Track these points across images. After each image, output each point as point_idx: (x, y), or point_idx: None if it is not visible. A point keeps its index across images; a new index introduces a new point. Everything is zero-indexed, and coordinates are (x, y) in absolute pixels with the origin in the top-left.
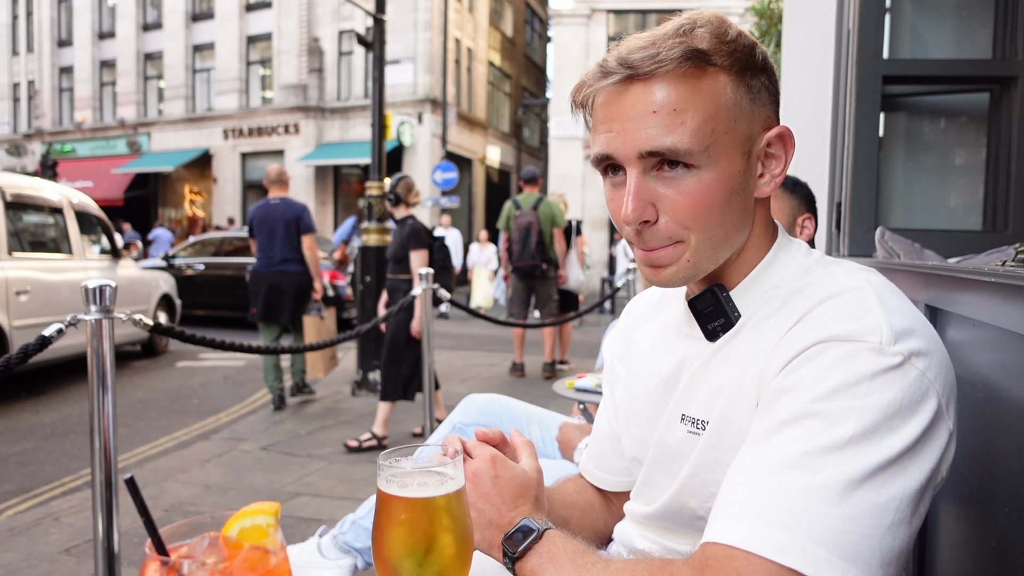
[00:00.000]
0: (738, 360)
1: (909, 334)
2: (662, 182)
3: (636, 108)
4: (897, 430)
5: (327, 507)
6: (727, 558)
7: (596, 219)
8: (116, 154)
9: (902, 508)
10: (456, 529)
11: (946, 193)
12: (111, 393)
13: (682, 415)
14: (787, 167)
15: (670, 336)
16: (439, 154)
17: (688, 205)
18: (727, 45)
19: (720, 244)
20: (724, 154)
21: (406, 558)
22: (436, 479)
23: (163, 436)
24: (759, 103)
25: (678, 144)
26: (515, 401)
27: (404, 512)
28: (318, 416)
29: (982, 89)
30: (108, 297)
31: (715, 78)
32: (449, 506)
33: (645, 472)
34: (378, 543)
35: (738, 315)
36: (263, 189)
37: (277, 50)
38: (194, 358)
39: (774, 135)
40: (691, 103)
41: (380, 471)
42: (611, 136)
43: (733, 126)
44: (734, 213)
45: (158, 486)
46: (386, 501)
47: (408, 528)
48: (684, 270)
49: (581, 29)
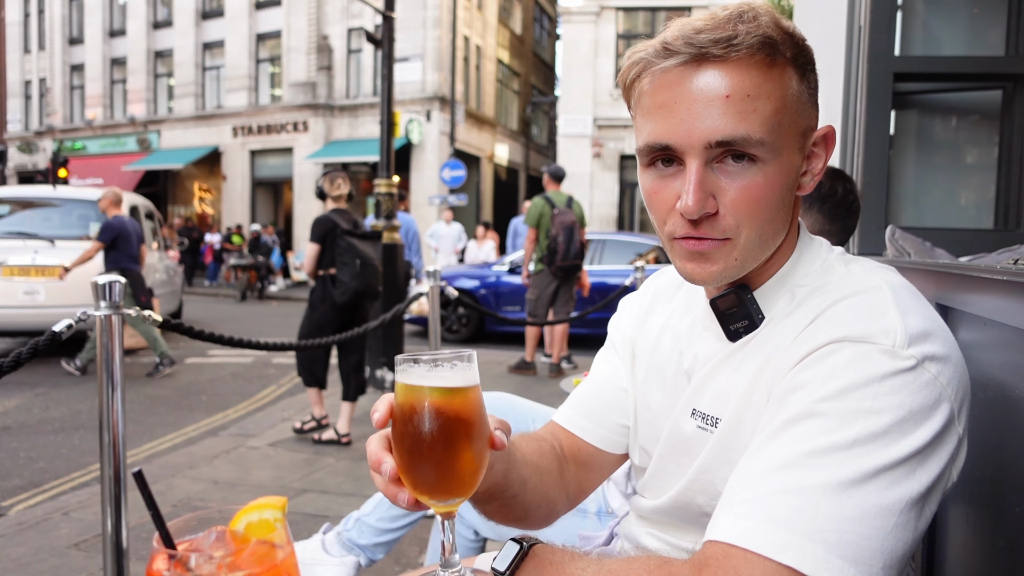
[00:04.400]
0: (755, 359)
1: (924, 337)
2: (724, 175)
3: (706, 92)
4: (907, 434)
5: (334, 504)
6: (725, 556)
7: (604, 217)
8: (126, 151)
9: (907, 511)
10: (476, 421)
11: (957, 191)
12: (120, 389)
13: (693, 409)
14: (825, 166)
15: (694, 328)
16: (447, 152)
17: (749, 200)
18: (791, 37)
19: (767, 242)
20: (787, 148)
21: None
22: (448, 368)
23: (172, 432)
24: (813, 100)
25: (751, 133)
26: (520, 399)
27: (423, 396)
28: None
29: (994, 87)
30: (117, 293)
31: (783, 69)
32: (470, 396)
33: (655, 463)
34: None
35: (762, 317)
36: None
37: (286, 48)
38: (203, 355)
39: (821, 134)
40: (764, 91)
41: (398, 367)
42: (673, 123)
43: (796, 120)
44: (784, 210)
45: (167, 482)
46: (404, 389)
47: (430, 414)
48: (731, 269)
49: (590, 27)
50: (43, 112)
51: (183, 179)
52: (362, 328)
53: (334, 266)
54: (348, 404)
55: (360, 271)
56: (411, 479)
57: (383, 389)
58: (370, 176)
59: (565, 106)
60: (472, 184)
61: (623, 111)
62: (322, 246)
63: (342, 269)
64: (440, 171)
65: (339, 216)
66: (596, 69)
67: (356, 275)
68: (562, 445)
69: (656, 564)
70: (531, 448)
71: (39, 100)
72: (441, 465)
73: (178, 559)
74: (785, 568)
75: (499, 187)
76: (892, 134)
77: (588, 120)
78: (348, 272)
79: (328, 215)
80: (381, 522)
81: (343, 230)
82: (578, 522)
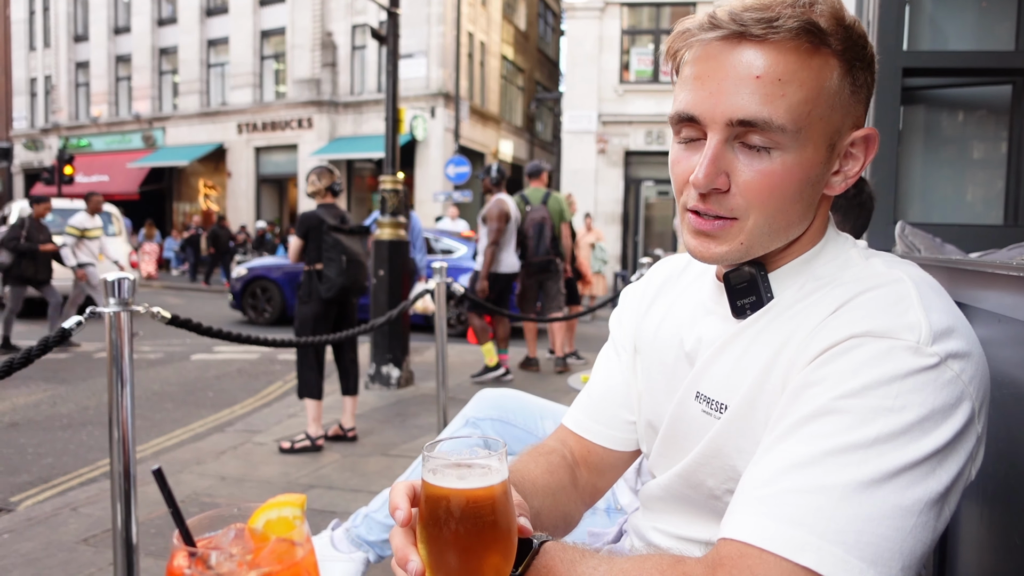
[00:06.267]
0: (766, 345)
1: (948, 334)
2: (743, 155)
3: (738, 69)
4: (928, 433)
5: (341, 500)
6: (741, 556)
7: (609, 214)
8: (131, 148)
9: (926, 511)
10: (504, 522)
11: (965, 187)
12: (130, 385)
13: (697, 393)
14: (862, 170)
15: (694, 310)
16: (452, 148)
17: (762, 186)
18: (844, 30)
19: (776, 232)
20: (812, 141)
21: (457, 551)
22: (481, 471)
23: (179, 428)
24: (857, 99)
25: (773, 117)
26: (529, 396)
27: (457, 503)
28: (330, 408)
29: (1004, 81)
30: (126, 290)
31: (826, 60)
32: (497, 497)
33: (660, 442)
34: (431, 536)
35: (771, 296)
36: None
37: (291, 44)
38: (208, 351)
39: (861, 136)
40: (797, 78)
41: (425, 463)
42: (702, 95)
43: (829, 114)
44: (801, 204)
45: (174, 477)
46: (437, 493)
47: (460, 519)
48: (736, 252)
49: (595, 22)
50: (48, 109)
51: (188, 176)
52: (370, 325)
53: (320, 261)
54: (350, 398)
55: (346, 267)
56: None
57: (388, 385)
58: (375, 173)
59: (570, 102)
60: (476, 181)
61: (628, 107)
62: (306, 241)
63: (328, 265)
64: (444, 168)
65: (326, 211)
66: (601, 65)
67: (342, 271)
68: (573, 451)
69: (669, 563)
70: (541, 469)
71: (44, 97)
72: (471, 567)
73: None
74: (803, 569)
75: None
76: (900, 129)
77: (593, 116)
78: (334, 268)
79: (314, 211)
80: (390, 518)
81: (329, 226)
82: (587, 519)
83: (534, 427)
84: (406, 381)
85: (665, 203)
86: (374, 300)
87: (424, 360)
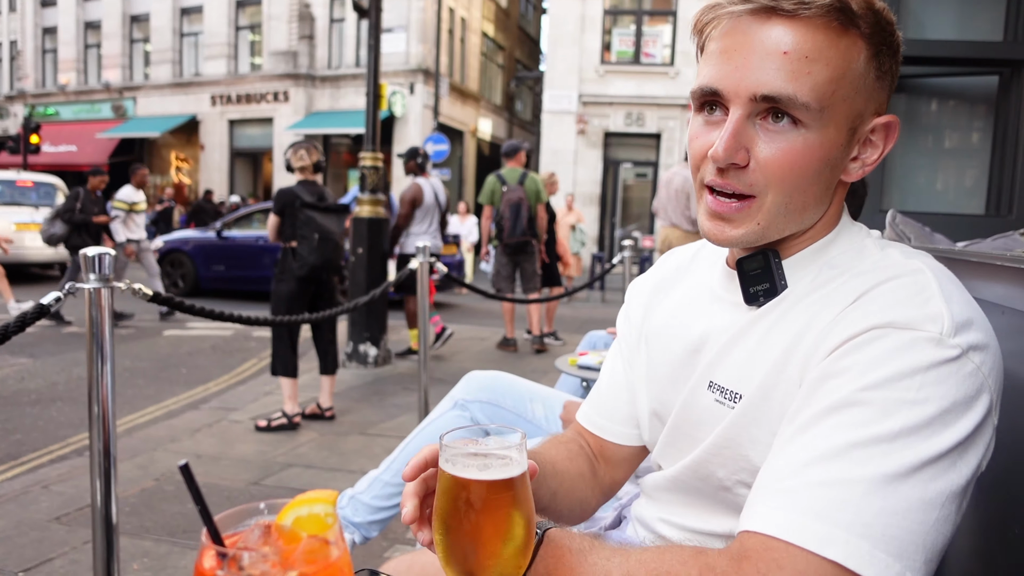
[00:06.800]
0: (782, 334)
1: (968, 326)
2: (764, 132)
3: (766, 44)
4: (949, 425)
5: (319, 479)
6: (766, 549)
7: (587, 195)
8: (101, 118)
9: (948, 504)
10: (523, 512)
11: (949, 176)
12: (110, 362)
13: (710, 382)
14: (881, 158)
15: (703, 298)
16: (430, 125)
17: (783, 162)
18: (873, 14)
19: (794, 213)
20: (834, 122)
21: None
22: (502, 462)
23: (151, 405)
24: (882, 85)
25: (798, 94)
26: (517, 378)
27: (477, 494)
28: (307, 387)
29: (991, 72)
30: (107, 266)
31: (853, 41)
32: (517, 488)
33: (668, 432)
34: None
35: (784, 284)
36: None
37: (267, 15)
38: (182, 327)
39: (882, 122)
40: (824, 56)
41: (443, 452)
42: (727, 70)
43: (853, 96)
44: (819, 186)
45: (148, 455)
46: (456, 483)
47: (480, 510)
48: (752, 233)
49: (577, 2)
50: (14, 76)
51: (159, 148)
52: (352, 304)
53: (295, 239)
54: (328, 378)
55: (318, 245)
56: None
57: (366, 364)
58: (352, 149)
59: (550, 81)
60: (455, 159)
61: (609, 88)
62: (282, 218)
63: (301, 243)
64: (423, 145)
65: (303, 188)
66: (582, 45)
67: (314, 249)
68: (589, 444)
69: (691, 554)
70: (561, 455)
71: (10, 64)
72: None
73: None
74: (829, 563)
75: (482, 162)
76: None
77: (573, 96)
78: (306, 246)
79: (291, 187)
80: (376, 500)
81: (303, 202)
82: None
83: (523, 410)
84: (383, 360)
85: (643, 185)
86: (352, 278)
87: (401, 339)
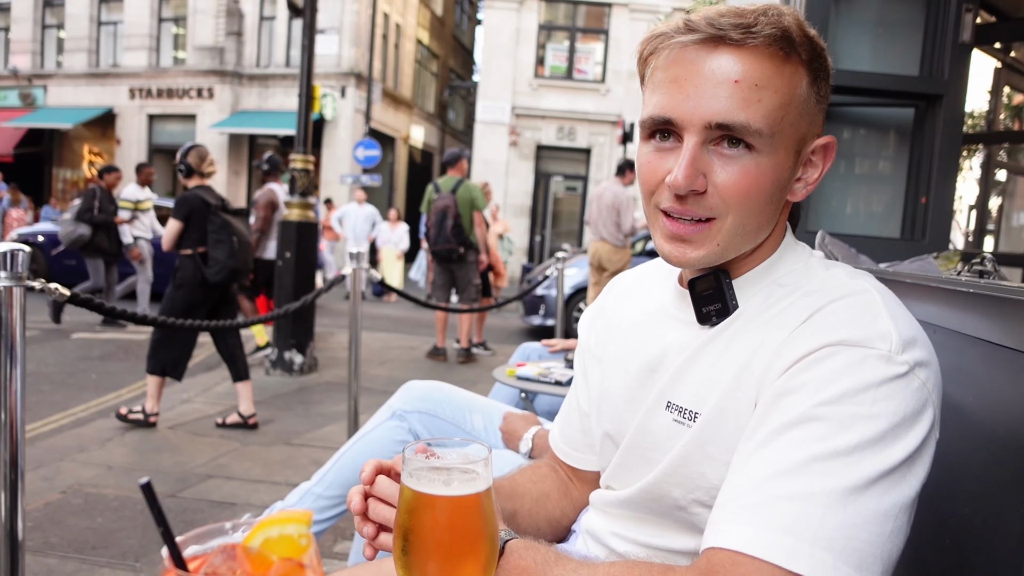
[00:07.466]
0: (736, 353)
1: (914, 343)
2: (719, 158)
3: (716, 73)
4: (900, 439)
5: (242, 490)
6: (733, 564)
7: (518, 206)
8: (6, 106)
9: (900, 515)
10: (489, 530)
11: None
12: (20, 366)
13: (668, 402)
14: (821, 178)
15: (656, 317)
16: (361, 130)
17: (740, 186)
18: (809, 41)
19: (749, 234)
20: (783, 145)
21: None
22: (467, 477)
23: (58, 412)
24: (820, 108)
25: (751, 121)
26: (456, 389)
27: (443, 510)
28: (228, 395)
29: (907, 104)
30: (21, 263)
31: (796, 68)
32: (483, 504)
33: (622, 454)
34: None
35: (736, 304)
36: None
37: (192, 9)
38: (91, 330)
39: (821, 143)
40: (772, 84)
41: (406, 465)
42: (679, 98)
43: (798, 120)
44: (771, 207)
45: (53, 466)
46: (420, 499)
47: (445, 527)
48: (712, 255)
49: (513, 14)
50: None
51: (71, 140)
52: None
53: (204, 244)
54: (244, 384)
55: (238, 249)
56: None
57: (291, 371)
58: (279, 150)
59: (484, 92)
60: (386, 165)
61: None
62: (186, 224)
63: (216, 247)
64: (354, 150)
65: (206, 193)
66: (517, 57)
67: (233, 253)
68: (561, 466)
69: (658, 570)
70: (525, 477)
71: None
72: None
73: None
74: None
75: (413, 169)
76: None
77: (507, 108)
78: (224, 250)
79: (194, 192)
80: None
81: (216, 207)
82: None
83: (462, 420)
84: (310, 368)
85: (573, 199)
86: (279, 283)
87: (327, 346)
